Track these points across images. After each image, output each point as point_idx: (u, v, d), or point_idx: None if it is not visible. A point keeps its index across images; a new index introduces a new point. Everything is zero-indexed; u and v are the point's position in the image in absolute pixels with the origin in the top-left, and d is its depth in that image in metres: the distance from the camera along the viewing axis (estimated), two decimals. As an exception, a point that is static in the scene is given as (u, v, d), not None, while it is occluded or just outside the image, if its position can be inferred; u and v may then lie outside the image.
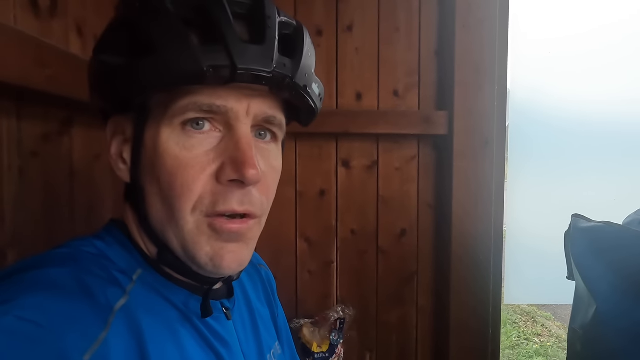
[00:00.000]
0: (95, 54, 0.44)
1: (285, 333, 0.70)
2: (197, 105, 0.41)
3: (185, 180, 0.41)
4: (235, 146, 0.41)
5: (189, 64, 0.37)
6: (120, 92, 0.41)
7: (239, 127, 0.42)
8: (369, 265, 1.37)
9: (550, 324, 3.91)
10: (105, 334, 0.36)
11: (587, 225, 1.01)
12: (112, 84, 0.42)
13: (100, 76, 0.43)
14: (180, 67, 0.37)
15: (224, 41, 0.38)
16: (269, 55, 0.40)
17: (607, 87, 1.56)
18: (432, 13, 1.35)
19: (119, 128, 0.46)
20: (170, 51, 0.37)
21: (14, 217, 0.67)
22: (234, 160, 0.41)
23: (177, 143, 0.41)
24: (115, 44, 0.41)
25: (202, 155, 0.42)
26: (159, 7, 0.39)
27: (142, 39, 0.39)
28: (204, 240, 0.43)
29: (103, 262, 0.43)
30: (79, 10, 0.82)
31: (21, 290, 0.35)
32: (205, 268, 0.44)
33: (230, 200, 0.42)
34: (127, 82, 0.40)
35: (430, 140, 1.37)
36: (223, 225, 0.42)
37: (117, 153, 0.46)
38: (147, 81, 0.39)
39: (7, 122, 0.66)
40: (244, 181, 0.41)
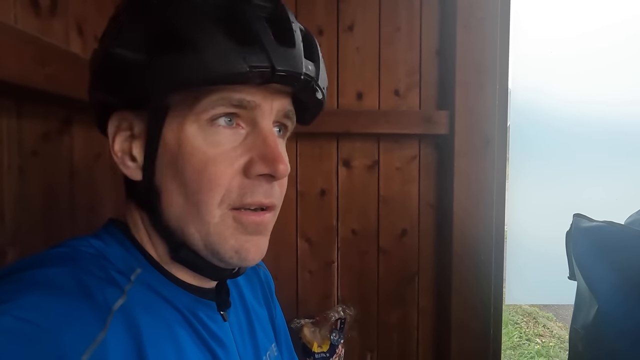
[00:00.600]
0: (108, 47, 0.41)
1: (284, 334, 0.70)
2: (226, 100, 0.41)
3: (214, 175, 0.42)
4: (263, 142, 0.43)
5: (231, 65, 0.38)
6: (139, 88, 0.40)
7: (264, 123, 0.44)
8: (369, 266, 1.37)
9: (551, 325, 3.90)
10: (103, 335, 0.36)
11: (589, 225, 1.01)
12: (128, 80, 0.40)
13: (114, 70, 0.41)
14: (224, 67, 0.38)
15: (261, 43, 0.40)
16: (300, 58, 0.42)
17: (609, 88, 1.55)
18: (433, 12, 1.35)
19: (123, 124, 0.45)
20: (212, 51, 0.38)
21: (14, 216, 0.67)
22: (265, 156, 0.42)
23: (204, 139, 0.42)
24: (135, 38, 0.40)
25: (230, 150, 0.42)
26: (194, 7, 0.39)
27: (175, 37, 0.38)
28: (229, 234, 0.44)
29: (101, 262, 0.43)
30: (79, 9, 0.82)
31: (19, 290, 0.35)
32: (230, 261, 0.45)
33: (257, 193, 0.44)
34: (152, 79, 0.39)
35: (431, 140, 1.36)
36: (249, 218, 0.44)
37: (124, 150, 0.45)
38: (185, 78, 0.38)
39: (7, 121, 0.66)
40: (275, 175, 0.43)
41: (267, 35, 0.40)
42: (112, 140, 0.45)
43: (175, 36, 0.39)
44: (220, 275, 0.50)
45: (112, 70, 0.42)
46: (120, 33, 0.41)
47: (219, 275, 0.50)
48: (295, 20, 0.44)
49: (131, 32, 0.41)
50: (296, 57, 0.42)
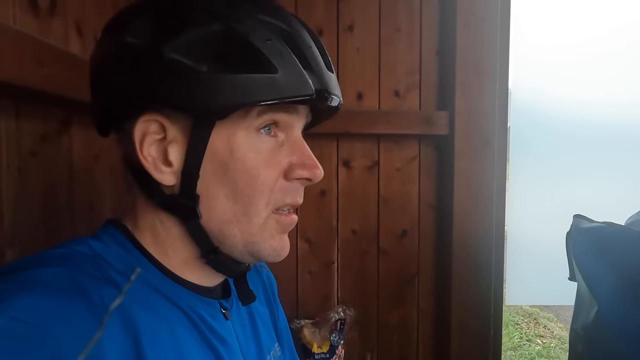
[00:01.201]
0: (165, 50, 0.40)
1: (286, 335, 0.70)
2: (276, 113, 0.45)
3: (265, 180, 0.45)
4: (301, 151, 0.48)
5: (304, 87, 0.43)
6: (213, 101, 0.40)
7: (297, 132, 0.49)
8: (369, 266, 1.37)
9: (552, 325, 3.89)
10: (100, 334, 0.36)
11: (589, 225, 1.01)
12: (195, 91, 0.40)
13: (168, 76, 0.40)
14: (295, 90, 0.42)
15: (318, 68, 0.44)
16: (337, 82, 0.48)
17: (609, 89, 1.55)
18: (433, 13, 1.35)
19: (152, 127, 0.43)
20: (287, 74, 0.42)
21: (13, 217, 0.67)
22: (304, 163, 0.48)
23: (253, 146, 0.45)
24: (203, 49, 0.40)
25: (273, 156, 0.46)
26: (264, 27, 0.42)
27: (254, 56, 0.41)
28: (269, 234, 0.48)
29: (99, 262, 0.42)
30: (78, 10, 0.82)
31: (14, 290, 0.35)
32: (267, 258, 0.50)
33: (295, 195, 0.49)
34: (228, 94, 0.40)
35: (431, 140, 1.36)
36: (286, 219, 0.49)
37: (156, 154, 0.44)
38: (263, 98, 0.41)
39: (6, 122, 0.66)
40: (313, 179, 0.48)
41: (321, 61, 0.45)
42: (139, 143, 0.43)
43: (251, 56, 0.41)
44: (238, 271, 0.52)
45: (165, 77, 0.40)
46: (177, 37, 0.40)
47: (237, 272, 0.52)
48: None
49: (194, 39, 0.40)
50: (336, 81, 0.48)
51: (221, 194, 0.45)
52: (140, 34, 0.42)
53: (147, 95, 0.42)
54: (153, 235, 0.47)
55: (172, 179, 0.44)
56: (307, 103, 0.46)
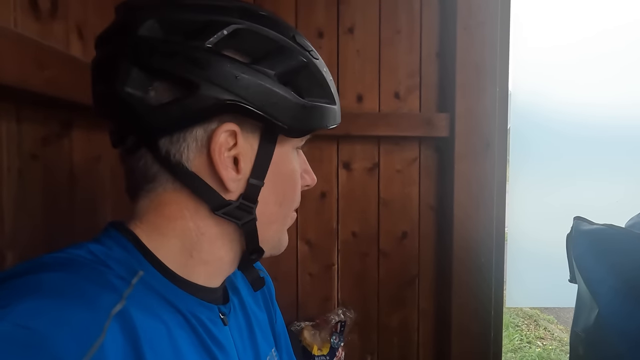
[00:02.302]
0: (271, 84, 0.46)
1: (284, 339, 0.70)
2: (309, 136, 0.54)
3: (299, 187, 0.56)
4: (304, 162, 0.58)
5: (338, 117, 0.54)
6: (308, 124, 0.50)
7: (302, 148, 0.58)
8: (370, 268, 1.37)
9: (553, 327, 3.89)
10: (101, 340, 0.36)
11: (589, 227, 1.01)
12: (297, 115, 0.48)
13: (277, 102, 0.47)
14: (337, 117, 0.54)
15: (336, 98, 0.53)
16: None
17: (609, 90, 1.56)
18: (433, 15, 1.35)
19: (228, 137, 0.47)
20: (335, 106, 0.53)
21: (13, 219, 0.67)
22: (308, 172, 0.58)
23: (295, 160, 0.54)
24: (299, 81, 0.49)
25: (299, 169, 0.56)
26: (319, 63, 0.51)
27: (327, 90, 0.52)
28: (283, 230, 0.57)
29: (99, 268, 0.42)
30: (79, 12, 0.82)
31: (16, 296, 0.35)
32: (279, 250, 0.57)
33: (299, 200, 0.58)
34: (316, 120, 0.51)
35: (432, 142, 1.37)
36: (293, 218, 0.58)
37: (229, 163, 0.47)
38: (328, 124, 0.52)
39: (7, 125, 0.66)
40: (311, 185, 0.59)
41: (335, 96, 0.54)
42: (218, 148, 0.46)
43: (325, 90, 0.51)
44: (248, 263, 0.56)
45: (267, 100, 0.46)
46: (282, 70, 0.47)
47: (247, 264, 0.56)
48: None
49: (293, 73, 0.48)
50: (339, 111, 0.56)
51: (272, 200, 0.52)
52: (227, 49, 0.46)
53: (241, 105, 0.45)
54: (181, 240, 0.48)
55: (238, 185, 0.48)
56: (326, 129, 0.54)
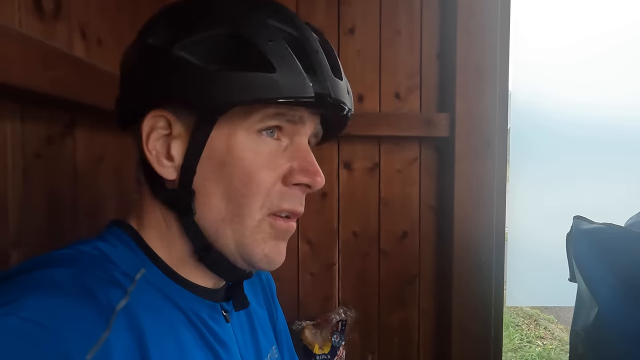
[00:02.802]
0: (175, 49, 0.42)
1: (285, 337, 0.70)
2: (281, 116, 0.45)
3: (262, 180, 0.45)
4: (304, 156, 0.48)
5: (302, 89, 0.43)
6: (208, 97, 0.42)
7: (302, 138, 0.49)
8: (370, 268, 1.37)
9: (553, 327, 3.89)
10: (107, 334, 0.36)
11: (589, 227, 1.01)
12: (196, 87, 0.42)
13: (174, 74, 0.42)
14: (295, 90, 0.43)
15: (322, 73, 0.45)
16: (345, 90, 0.48)
17: (608, 90, 1.56)
18: (433, 16, 1.36)
19: (160, 123, 0.45)
20: (287, 75, 0.42)
21: (18, 218, 0.68)
22: (305, 169, 0.47)
23: (252, 147, 0.45)
24: (213, 49, 0.42)
25: (274, 158, 0.46)
26: (270, 30, 0.43)
27: (257, 56, 0.42)
28: (261, 238, 0.47)
29: (104, 264, 0.43)
30: (82, 13, 0.83)
31: (23, 291, 0.35)
32: (259, 264, 0.48)
33: (294, 202, 0.48)
34: (226, 91, 0.42)
35: (432, 142, 1.37)
36: (282, 224, 0.48)
37: (159, 148, 0.45)
38: (262, 96, 0.42)
39: (11, 124, 0.67)
40: (313, 186, 0.48)
41: (327, 67, 0.45)
42: (146, 137, 0.45)
43: (254, 56, 0.42)
44: (237, 276, 0.52)
45: (175, 73, 0.42)
46: (188, 37, 0.42)
47: (236, 276, 0.52)
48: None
49: (203, 40, 0.42)
50: (344, 89, 0.48)
51: (217, 192, 0.45)
52: (157, 35, 0.45)
53: (155, 90, 0.44)
54: (157, 232, 0.48)
55: (173, 173, 0.45)
56: (307, 106, 0.46)
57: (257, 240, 0.47)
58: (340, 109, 0.47)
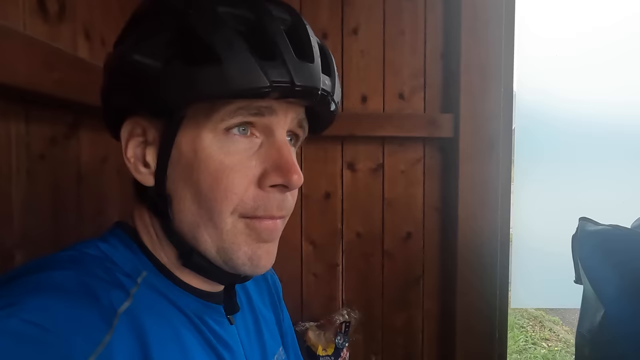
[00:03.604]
0: (127, 53, 0.41)
1: (291, 338, 0.70)
2: (245, 110, 0.42)
3: (230, 183, 0.42)
4: (278, 153, 0.43)
5: (253, 79, 0.39)
6: (160, 97, 0.40)
7: (279, 133, 0.44)
8: (374, 268, 1.37)
9: (558, 329, 3.87)
10: (109, 337, 0.36)
11: (595, 228, 1.01)
12: (149, 88, 0.41)
13: (132, 77, 0.41)
14: (245, 81, 0.38)
15: (282, 58, 0.40)
16: (318, 73, 0.43)
17: (614, 89, 1.55)
18: (437, 15, 1.35)
19: (137, 130, 0.45)
20: (234, 65, 0.38)
21: (22, 219, 0.68)
22: (279, 167, 0.43)
23: (220, 148, 0.42)
24: (157, 47, 0.40)
25: (245, 159, 0.43)
26: (217, 18, 0.39)
27: (198, 48, 0.39)
28: (242, 241, 0.44)
29: (107, 265, 0.43)
30: (87, 15, 0.83)
31: (26, 293, 0.35)
32: (243, 268, 0.45)
33: (270, 207, 0.44)
34: (173, 88, 0.39)
35: (436, 142, 1.36)
36: (262, 225, 0.45)
37: (137, 155, 0.45)
38: (206, 92, 0.39)
39: (16, 125, 0.67)
40: (289, 186, 0.44)
41: (288, 50, 0.41)
42: (125, 145, 0.45)
43: (198, 48, 0.39)
44: (230, 280, 0.50)
45: (130, 77, 0.42)
46: (140, 39, 0.41)
47: (228, 280, 0.50)
48: (313, 35, 0.45)
49: (151, 39, 0.41)
50: (314, 72, 0.43)
51: (188, 196, 0.43)
52: (122, 42, 0.44)
53: (124, 97, 0.43)
54: (148, 236, 0.48)
55: (150, 179, 0.45)
56: (265, 97, 0.41)
57: (236, 244, 0.44)
58: (310, 95, 0.43)
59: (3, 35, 0.57)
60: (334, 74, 0.46)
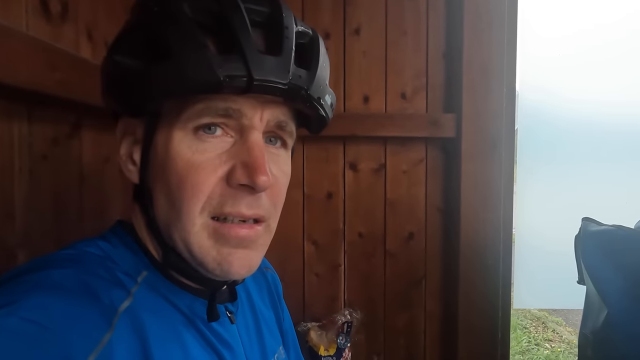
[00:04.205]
0: (109, 54, 0.43)
1: (291, 337, 0.70)
2: (212, 109, 0.41)
3: (196, 182, 0.41)
4: (247, 152, 0.42)
5: (205, 73, 0.37)
6: (134, 95, 0.41)
7: (251, 132, 0.43)
8: (376, 269, 1.37)
9: (561, 330, 3.85)
10: (109, 336, 0.36)
11: (598, 229, 1.00)
12: (125, 87, 0.41)
13: (113, 77, 0.43)
14: (196, 75, 0.37)
15: (241, 51, 0.38)
16: (286, 66, 0.41)
17: (618, 88, 1.54)
18: (439, 15, 1.35)
19: (129, 129, 0.46)
20: (186, 59, 0.38)
21: (24, 218, 0.68)
22: (246, 165, 0.41)
23: (189, 147, 0.42)
24: (130, 46, 0.41)
25: (214, 157, 0.42)
26: (176, 12, 0.39)
27: (158, 43, 0.39)
28: (210, 245, 0.43)
29: (107, 264, 0.43)
30: (89, 15, 0.83)
31: (26, 292, 0.35)
32: (214, 272, 0.44)
33: (239, 204, 0.43)
34: (141, 86, 0.40)
35: (438, 142, 1.36)
36: (231, 231, 0.43)
37: (127, 154, 0.46)
38: (162, 87, 0.39)
39: (19, 126, 0.67)
40: (254, 187, 0.42)
41: (249, 43, 0.39)
42: (119, 144, 0.47)
43: (158, 44, 0.39)
44: (210, 284, 0.48)
45: (112, 77, 0.43)
46: (118, 40, 0.43)
47: (209, 284, 0.48)
48: (292, 25, 0.43)
49: (127, 39, 0.42)
50: (280, 65, 0.40)
51: (162, 195, 0.44)
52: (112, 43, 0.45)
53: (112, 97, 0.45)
54: (142, 235, 0.48)
55: (136, 177, 0.46)
56: (221, 92, 0.39)
57: (205, 248, 0.43)
58: (274, 90, 0.40)
59: (6, 36, 0.57)
60: (314, 68, 0.44)
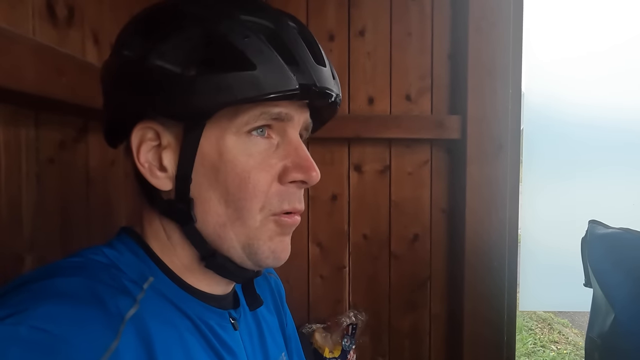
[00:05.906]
0: (148, 59, 0.41)
1: (295, 342, 0.70)
2: (267, 114, 0.44)
3: (257, 183, 0.45)
4: (296, 152, 0.47)
5: (287, 82, 0.42)
6: (190, 104, 0.41)
7: (293, 134, 0.47)
8: (381, 271, 1.37)
9: (567, 331, 3.83)
10: (116, 344, 0.36)
11: (605, 231, 0.99)
12: (175, 94, 0.41)
13: (152, 83, 0.42)
14: (278, 85, 0.41)
15: (305, 62, 0.43)
16: (330, 76, 0.47)
17: (624, 91, 1.53)
18: (444, 16, 1.34)
19: (149, 134, 0.45)
20: (267, 70, 0.41)
21: (31, 223, 0.69)
22: (299, 165, 0.46)
23: (244, 149, 0.45)
24: (188, 54, 0.41)
25: (267, 159, 0.46)
26: (245, 26, 0.42)
27: (232, 55, 0.41)
28: (267, 236, 0.47)
29: (113, 271, 0.43)
30: (95, 20, 0.84)
31: (33, 300, 0.36)
32: (266, 262, 0.48)
33: (293, 200, 0.48)
34: (208, 94, 0.41)
35: (443, 144, 1.36)
36: (287, 220, 0.48)
37: (151, 160, 0.45)
38: (241, 95, 0.41)
39: (26, 130, 0.68)
40: (308, 182, 0.47)
41: (308, 55, 0.44)
42: (136, 150, 0.45)
43: (230, 54, 0.41)
44: (246, 276, 0.52)
45: (149, 83, 0.42)
46: (159, 45, 0.42)
47: (245, 277, 0.52)
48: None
49: (173, 45, 0.41)
50: (329, 75, 0.46)
51: (214, 198, 0.45)
52: (132, 47, 0.44)
53: (138, 103, 0.44)
54: (158, 241, 0.48)
55: (168, 184, 0.45)
56: (292, 99, 0.44)
57: (263, 239, 0.47)
58: (326, 97, 0.46)
59: (12, 41, 0.58)
60: (336, 77, 0.49)
